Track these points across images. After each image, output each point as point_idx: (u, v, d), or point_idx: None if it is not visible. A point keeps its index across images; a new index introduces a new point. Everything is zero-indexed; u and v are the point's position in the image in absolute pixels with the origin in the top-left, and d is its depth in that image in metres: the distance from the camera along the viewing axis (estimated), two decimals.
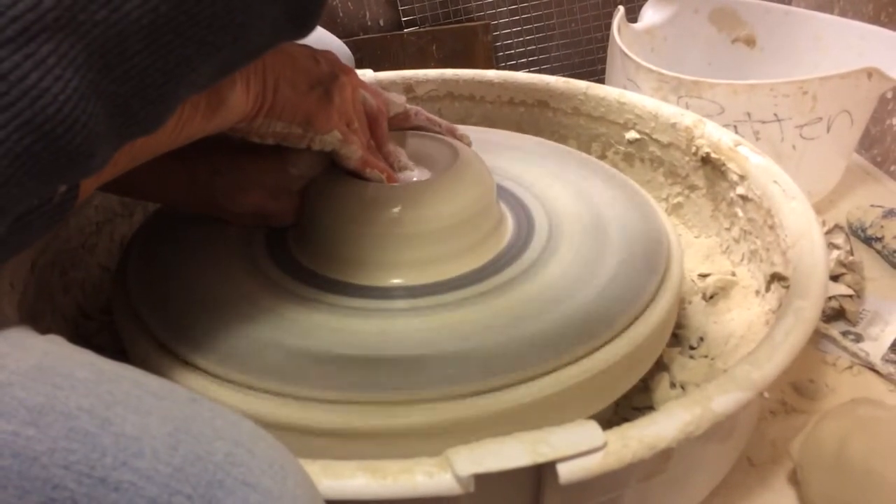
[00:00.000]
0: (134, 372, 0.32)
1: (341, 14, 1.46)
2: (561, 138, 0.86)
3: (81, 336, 0.63)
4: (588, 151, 0.83)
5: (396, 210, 0.53)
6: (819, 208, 0.93)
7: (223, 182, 0.54)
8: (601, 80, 0.92)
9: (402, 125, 0.62)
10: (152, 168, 0.44)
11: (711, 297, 0.70)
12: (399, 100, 0.61)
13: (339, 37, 0.94)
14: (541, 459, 0.38)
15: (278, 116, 0.48)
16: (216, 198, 0.55)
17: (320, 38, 0.90)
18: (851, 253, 0.79)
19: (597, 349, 0.49)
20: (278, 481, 0.29)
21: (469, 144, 0.63)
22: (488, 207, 0.58)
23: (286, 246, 0.57)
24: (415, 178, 0.58)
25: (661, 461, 0.43)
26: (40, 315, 0.58)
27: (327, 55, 0.53)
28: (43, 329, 0.33)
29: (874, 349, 0.70)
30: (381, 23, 1.48)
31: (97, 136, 0.30)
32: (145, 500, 0.27)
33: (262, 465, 0.29)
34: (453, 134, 0.64)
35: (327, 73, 0.51)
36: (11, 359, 0.29)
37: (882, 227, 0.85)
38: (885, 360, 0.69)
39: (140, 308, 0.52)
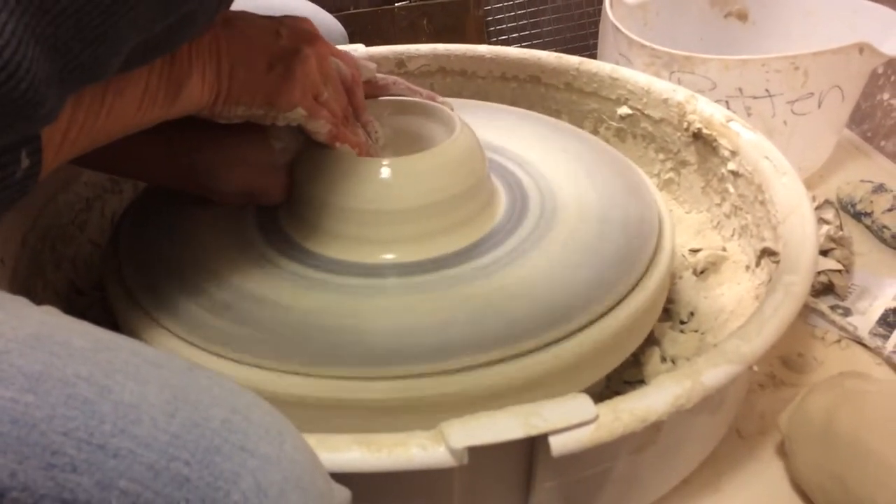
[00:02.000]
0: (131, 342, 0.32)
1: None
2: (553, 113, 0.86)
3: (73, 312, 0.63)
4: (580, 127, 0.82)
5: (387, 185, 0.53)
6: (809, 183, 0.94)
7: (203, 159, 0.53)
8: (593, 56, 0.92)
9: (382, 94, 0.62)
10: (131, 143, 0.43)
11: (702, 273, 0.71)
12: (370, 65, 0.59)
13: (329, 11, 0.93)
14: (533, 432, 0.39)
15: (236, 101, 0.47)
16: (198, 176, 0.53)
17: (313, 15, 0.89)
18: (841, 228, 0.80)
19: (589, 324, 0.49)
20: (276, 446, 0.30)
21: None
22: (480, 182, 0.57)
23: (277, 221, 0.57)
24: (384, 154, 0.57)
25: (651, 434, 0.44)
26: (32, 290, 0.58)
27: (292, 24, 0.51)
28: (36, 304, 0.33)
29: (862, 323, 0.71)
30: None
31: (41, 82, 0.30)
32: (144, 467, 0.27)
33: (259, 431, 0.30)
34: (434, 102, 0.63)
35: (288, 49, 0.49)
36: (8, 327, 0.29)
37: (872, 202, 0.86)
38: (873, 333, 0.70)
39: (131, 284, 0.52)
